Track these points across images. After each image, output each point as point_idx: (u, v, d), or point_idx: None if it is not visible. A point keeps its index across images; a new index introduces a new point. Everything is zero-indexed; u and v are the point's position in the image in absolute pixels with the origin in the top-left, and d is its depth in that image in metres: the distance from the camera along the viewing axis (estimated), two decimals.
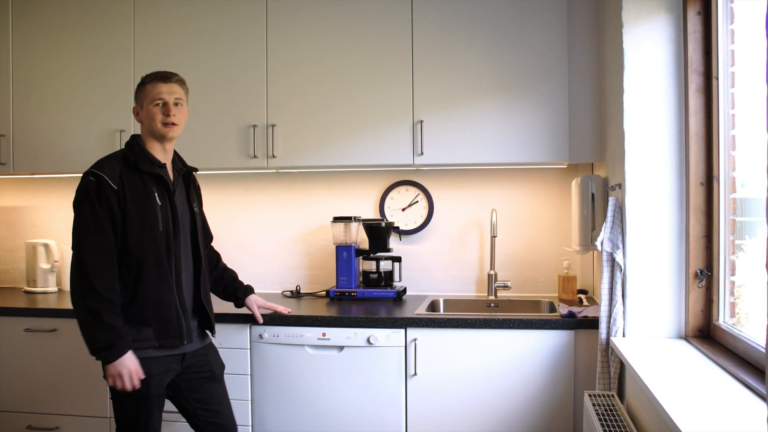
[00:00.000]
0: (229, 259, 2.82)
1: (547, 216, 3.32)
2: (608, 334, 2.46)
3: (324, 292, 3.30)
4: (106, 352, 2.15)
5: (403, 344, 2.74)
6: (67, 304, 3.12)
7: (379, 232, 3.23)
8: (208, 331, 2.50)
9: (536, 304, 3.15)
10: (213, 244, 2.75)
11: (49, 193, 3.76)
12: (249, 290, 2.76)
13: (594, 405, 2.29)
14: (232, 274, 2.76)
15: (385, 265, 3.24)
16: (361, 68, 3.06)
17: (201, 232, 2.48)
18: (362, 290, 3.20)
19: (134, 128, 3.21)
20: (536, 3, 2.92)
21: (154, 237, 2.25)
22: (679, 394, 1.78)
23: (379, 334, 2.74)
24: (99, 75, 3.28)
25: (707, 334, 2.32)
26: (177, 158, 2.47)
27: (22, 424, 3.04)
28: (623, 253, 2.43)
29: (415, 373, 2.73)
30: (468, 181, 3.36)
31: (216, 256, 2.75)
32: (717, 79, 2.26)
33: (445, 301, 3.22)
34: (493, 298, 3.22)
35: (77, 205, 2.23)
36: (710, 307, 2.31)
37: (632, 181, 2.41)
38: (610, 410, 2.24)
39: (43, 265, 3.54)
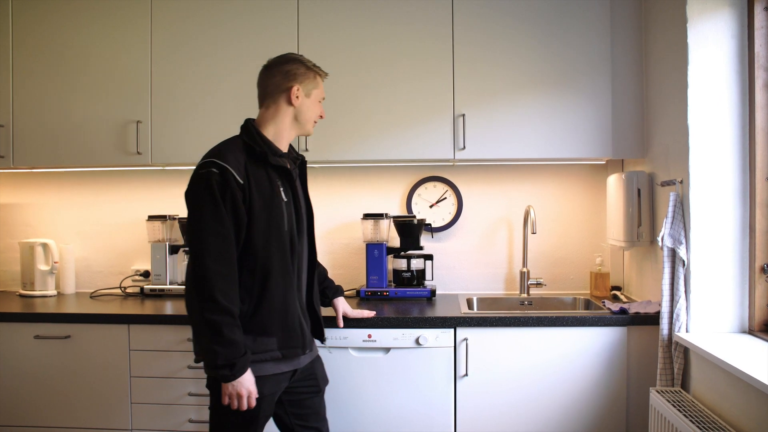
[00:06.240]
0: None
1: (576, 212, 3.30)
2: (670, 329, 2.45)
3: (354, 292, 3.17)
4: (226, 370, 1.92)
5: (452, 344, 2.66)
6: (81, 308, 2.95)
7: (411, 230, 3.13)
8: (316, 340, 2.35)
9: (572, 301, 3.13)
10: None
11: (49, 189, 3.49)
12: (339, 291, 2.60)
13: (668, 401, 2.26)
14: (322, 270, 2.57)
15: (416, 264, 3.15)
16: (399, 59, 2.96)
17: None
18: (394, 289, 3.09)
19: (152, 119, 3.01)
20: None
21: (281, 238, 2.04)
22: None
23: (429, 335, 2.65)
24: (112, 60, 3.06)
25: None
26: (290, 146, 2.27)
27: None
28: (687, 249, 2.42)
29: (466, 374, 2.65)
30: (497, 178, 3.31)
31: None
32: None
33: (479, 299, 3.15)
34: (525, 295, 3.18)
35: (197, 200, 1.96)
36: None
37: (696, 176, 2.41)
38: (684, 405, 2.23)
39: (42, 266, 3.28)
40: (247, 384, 1.96)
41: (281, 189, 2.08)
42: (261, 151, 2.06)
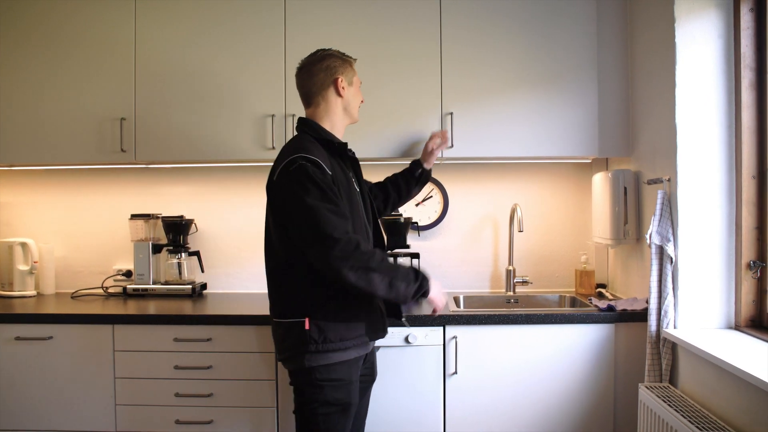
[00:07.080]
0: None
1: (561, 210, 3.32)
2: (658, 326, 2.48)
3: None
4: (423, 282, 2.03)
5: (442, 342, 2.66)
6: (62, 309, 2.89)
7: (398, 228, 3.13)
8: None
9: (558, 299, 3.15)
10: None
11: (28, 186, 3.41)
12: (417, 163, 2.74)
13: (657, 397, 2.29)
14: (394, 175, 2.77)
15: (403, 262, 3.14)
16: (386, 57, 2.93)
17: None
18: None
19: (136, 116, 2.96)
20: None
21: (362, 225, 2.11)
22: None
23: (418, 333, 2.64)
24: (95, 54, 2.99)
25: (759, 324, 2.38)
26: None
27: None
28: (674, 246, 2.44)
29: (456, 372, 2.65)
30: (483, 176, 3.32)
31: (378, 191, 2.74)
32: None
33: (465, 297, 3.16)
34: (511, 293, 3.19)
35: (300, 192, 1.95)
36: (762, 298, 2.37)
37: (684, 174, 2.43)
38: (673, 400, 2.25)
39: (21, 266, 3.21)
40: (438, 284, 2.12)
41: (354, 180, 2.16)
42: (341, 144, 2.14)
